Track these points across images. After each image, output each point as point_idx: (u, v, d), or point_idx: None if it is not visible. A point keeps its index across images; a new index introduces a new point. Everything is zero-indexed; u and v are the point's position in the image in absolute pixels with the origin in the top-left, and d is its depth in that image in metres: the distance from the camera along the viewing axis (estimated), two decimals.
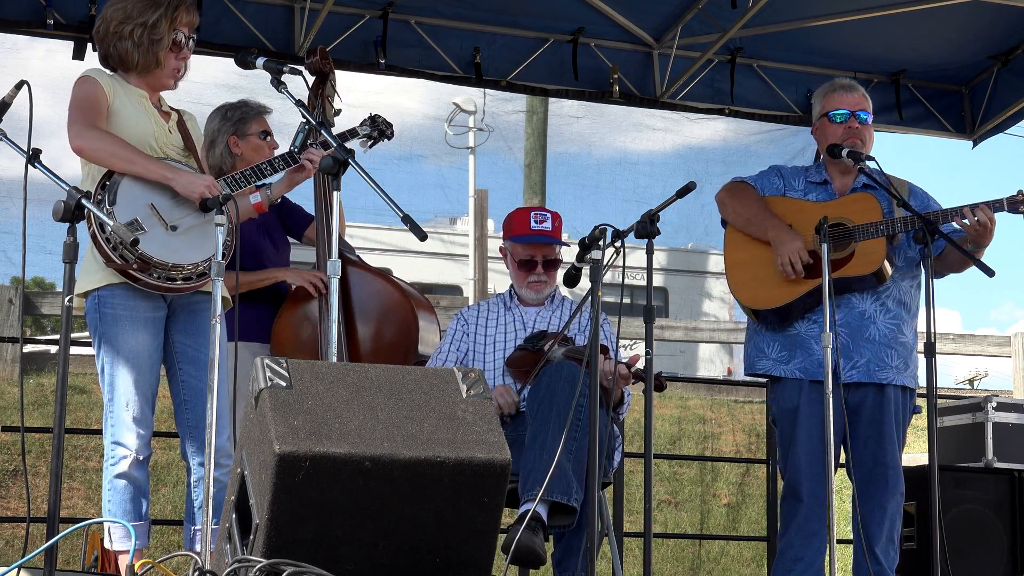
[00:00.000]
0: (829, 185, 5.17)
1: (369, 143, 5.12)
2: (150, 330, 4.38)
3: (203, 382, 4.28)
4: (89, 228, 4.23)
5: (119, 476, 4.35)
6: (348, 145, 4.58)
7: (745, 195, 5.17)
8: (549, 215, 5.32)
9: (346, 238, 5.36)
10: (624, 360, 4.92)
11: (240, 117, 5.32)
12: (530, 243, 5.27)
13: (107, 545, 4.39)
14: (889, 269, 5.01)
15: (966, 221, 4.89)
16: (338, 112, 5.29)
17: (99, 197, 4.25)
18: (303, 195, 5.40)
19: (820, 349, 4.94)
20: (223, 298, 4.09)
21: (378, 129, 5.13)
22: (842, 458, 5.11)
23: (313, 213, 5.41)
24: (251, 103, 5.42)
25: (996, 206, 4.91)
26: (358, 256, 5.49)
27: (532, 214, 5.31)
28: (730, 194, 5.19)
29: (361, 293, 5.31)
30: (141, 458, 4.37)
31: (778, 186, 5.20)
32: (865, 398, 4.99)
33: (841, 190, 5.16)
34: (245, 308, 5.13)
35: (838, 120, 5.14)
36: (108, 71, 4.54)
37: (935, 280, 5.20)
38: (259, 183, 4.68)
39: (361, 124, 5.09)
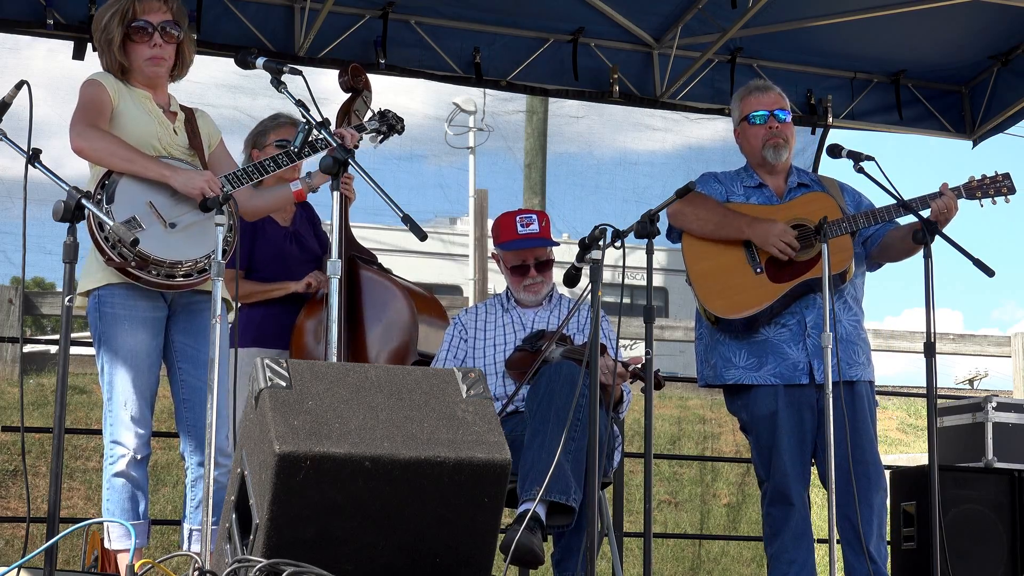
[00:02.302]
0: (765, 188, 5.19)
1: (379, 138, 5.05)
2: (149, 330, 4.38)
3: (202, 381, 4.29)
4: (88, 227, 4.24)
5: (117, 475, 4.36)
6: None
7: (703, 201, 5.12)
8: (535, 216, 5.28)
9: None
10: (624, 360, 4.92)
11: (260, 130, 5.45)
12: (519, 248, 5.25)
13: (106, 544, 4.40)
14: (853, 267, 5.04)
15: (935, 204, 4.94)
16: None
17: (98, 196, 4.26)
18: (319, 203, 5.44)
19: (794, 352, 4.98)
20: (224, 300, 4.11)
21: (387, 124, 5.03)
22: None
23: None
24: (279, 115, 5.47)
25: (955, 192, 5.01)
26: (379, 264, 5.51)
27: (517, 218, 5.26)
28: (688, 204, 5.05)
29: (372, 299, 5.33)
30: (139, 457, 4.37)
31: (720, 192, 5.19)
32: (837, 396, 4.99)
33: (778, 192, 5.18)
34: (263, 313, 5.18)
35: (758, 121, 5.16)
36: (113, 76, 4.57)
37: (872, 272, 5.26)
38: (293, 171, 4.65)
39: (369, 120, 5.01)
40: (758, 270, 5.02)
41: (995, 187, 5.07)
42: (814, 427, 4.96)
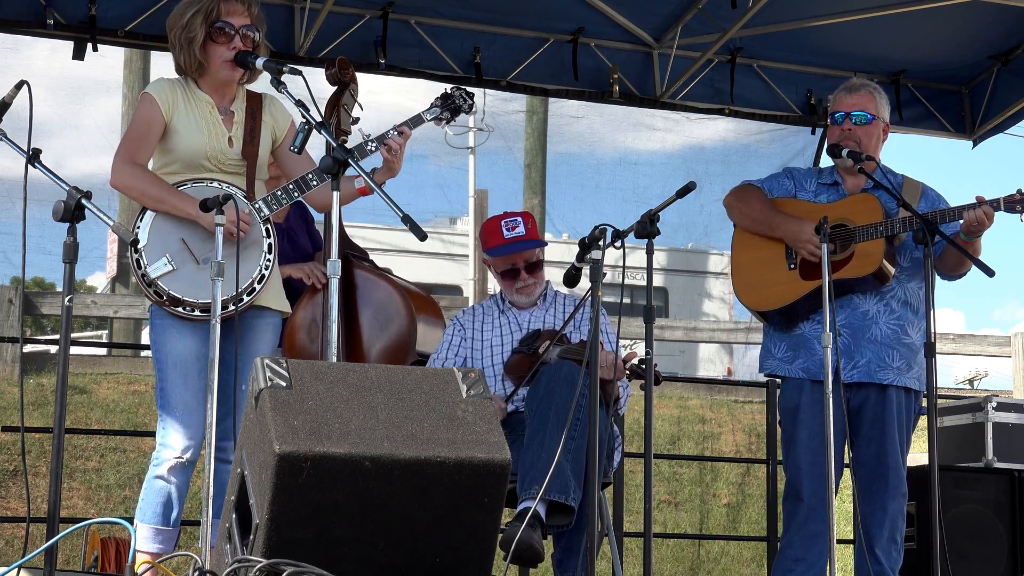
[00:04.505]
0: (840, 186, 5.19)
1: (444, 123, 4.85)
2: (199, 336, 4.39)
3: (228, 384, 4.30)
4: (129, 263, 4.35)
5: (157, 477, 4.40)
6: (375, 136, 4.55)
7: (751, 196, 5.20)
8: (520, 218, 5.27)
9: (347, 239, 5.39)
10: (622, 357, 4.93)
11: None
12: (507, 253, 5.25)
13: (138, 547, 4.39)
14: (891, 270, 5.01)
15: (969, 215, 4.89)
16: (355, 120, 5.27)
17: (136, 230, 4.34)
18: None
19: (821, 349, 4.95)
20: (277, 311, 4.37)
21: (451, 107, 4.79)
22: (846, 458, 5.10)
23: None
24: None
25: (994, 205, 4.93)
26: (371, 261, 5.51)
27: (503, 223, 5.25)
28: (736, 197, 5.23)
29: (367, 298, 5.33)
30: (184, 459, 4.39)
31: (788, 188, 5.23)
32: (867, 399, 4.99)
33: (852, 191, 5.17)
34: None
35: (838, 122, 5.16)
36: (180, 77, 4.59)
37: (942, 281, 5.22)
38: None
39: (429, 108, 4.78)
40: (792, 266, 5.06)
41: None
42: (844, 426, 4.91)
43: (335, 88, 5.33)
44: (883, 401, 5.00)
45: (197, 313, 4.36)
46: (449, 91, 4.83)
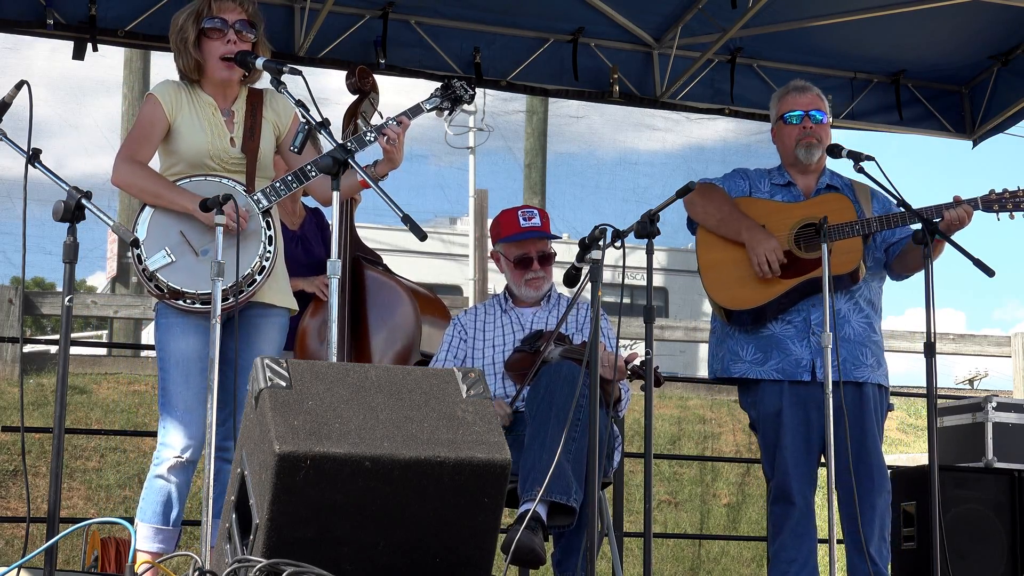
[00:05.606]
0: (793, 187, 5.20)
1: (446, 114, 4.74)
2: (202, 336, 4.38)
3: (231, 382, 4.30)
4: (131, 259, 4.37)
5: (157, 476, 4.41)
6: (374, 126, 4.55)
7: (715, 195, 5.17)
8: (536, 211, 5.31)
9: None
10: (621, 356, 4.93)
11: None
12: (523, 240, 5.26)
13: (138, 546, 4.40)
14: (864, 269, 5.04)
15: (948, 214, 4.92)
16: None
17: (136, 226, 4.36)
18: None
19: (797, 349, 4.99)
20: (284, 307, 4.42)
21: (451, 97, 4.67)
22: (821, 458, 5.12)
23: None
24: None
25: (972, 204, 4.98)
26: (384, 265, 5.52)
27: (520, 212, 5.28)
28: (699, 195, 5.13)
29: (375, 299, 5.34)
30: (183, 458, 4.40)
31: (743, 188, 5.22)
32: (843, 397, 4.99)
33: (806, 191, 5.19)
34: None
35: (793, 121, 5.17)
36: (184, 81, 4.60)
37: (898, 280, 5.25)
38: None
39: (429, 98, 4.67)
40: None
41: (1014, 201, 5.02)
42: (821, 426, 4.94)
43: (355, 97, 5.33)
44: (860, 399, 5.02)
45: (198, 305, 4.35)
46: (449, 80, 4.77)
